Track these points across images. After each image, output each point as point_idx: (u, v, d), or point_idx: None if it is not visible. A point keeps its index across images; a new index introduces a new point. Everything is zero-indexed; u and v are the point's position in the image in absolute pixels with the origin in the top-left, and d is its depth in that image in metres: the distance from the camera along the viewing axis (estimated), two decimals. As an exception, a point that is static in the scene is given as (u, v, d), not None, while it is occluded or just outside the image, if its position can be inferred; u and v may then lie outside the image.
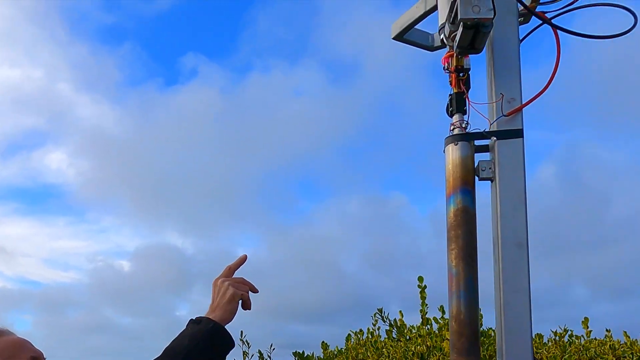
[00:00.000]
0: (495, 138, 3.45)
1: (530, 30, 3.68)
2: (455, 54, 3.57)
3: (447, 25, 3.51)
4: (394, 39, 4.24)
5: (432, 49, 4.26)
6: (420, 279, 6.30)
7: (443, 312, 7.95)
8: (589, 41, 3.58)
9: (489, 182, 3.51)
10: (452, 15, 3.37)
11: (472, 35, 3.35)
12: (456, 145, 3.48)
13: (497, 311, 3.35)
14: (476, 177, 3.48)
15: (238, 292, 2.70)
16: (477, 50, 3.46)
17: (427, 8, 3.99)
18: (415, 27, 4.22)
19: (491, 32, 3.48)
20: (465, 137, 3.50)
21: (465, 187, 3.43)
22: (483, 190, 3.52)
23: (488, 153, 3.54)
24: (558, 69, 3.55)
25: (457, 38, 3.40)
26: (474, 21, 3.22)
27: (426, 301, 7.63)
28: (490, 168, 3.47)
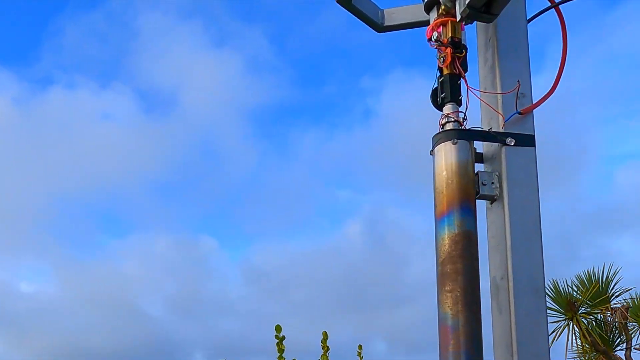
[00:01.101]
0: (513, 140, 2.50)
1: (538, 12, 2.84)
2: (453, 21, 2.61)
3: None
4: (338, 1, 3.16)
5: (379, 28, 3.25)
6: (278, 328, 5.11)
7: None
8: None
9: (486, 201, 2.55)
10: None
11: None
12: (455, 144, 2.48)
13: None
14: (469, 193, 2.50)
15: None
16: (492, 16, 2.53)
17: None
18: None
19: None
20: (465, 135, 2.51)
21: (467, 203, 2.43)
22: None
23: (482, 164, 2.60)
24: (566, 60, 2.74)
25: (470, -5, 2.44)
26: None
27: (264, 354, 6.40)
28: (493, 183, 2.51)
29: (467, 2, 2.45)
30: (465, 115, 2.57)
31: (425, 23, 3.18)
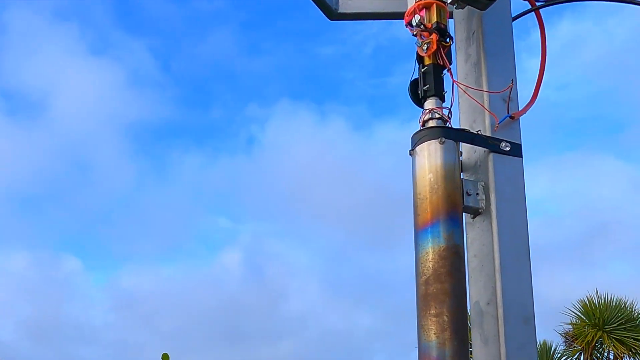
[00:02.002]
0: (508, 145, 2.18)
1: (520, 13, 2.57)
2: (439, 5, 2.27)
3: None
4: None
5: (332, 14, 2.85)
6: (165, 356, 4.43)
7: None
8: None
9: (466, 214, 2.21)
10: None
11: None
12: (442, 143, 2.11)
13: None
14: (448, 203, 2.14)
15: None
16: (488, 2, 2.21)
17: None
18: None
19: None
20: (453, 135, 2.16)
21: (455, 213, 2.06)
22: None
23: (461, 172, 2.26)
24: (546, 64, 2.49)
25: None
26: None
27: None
28: (478, 194, 2.18)
29: (464, -18, 2.12)
30: (450, 112, 2.22)
31: (383, 16, 2.85)
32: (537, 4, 2.59)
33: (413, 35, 2.34)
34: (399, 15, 2.81)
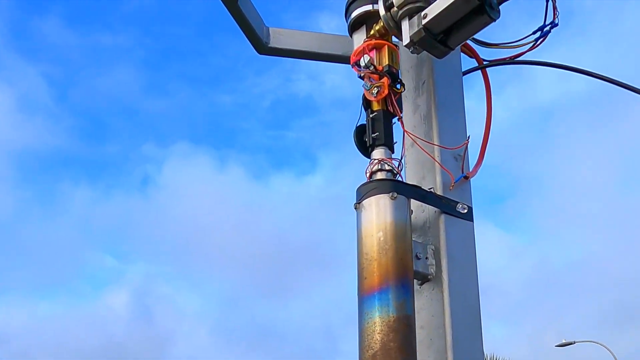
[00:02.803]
0: (466, 207, 1.96)
1: (467, 69, 2.41)
2: (391, 47, 2.06)
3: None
4: None
5: (262, 47, 2.59)
6: None
7: None
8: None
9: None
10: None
11: (459, 19, 1.91)
12: (394, 199, 1.86)
13: None
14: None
15: None
16: (446, 50, 2.01)
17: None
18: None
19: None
20: (405, 190, 1.91)
21: (406, 279, 1.80)
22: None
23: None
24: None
25: (430, 15, 1.90)
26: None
27: None
28: (427, 258, 1.93)
29: (423, 23, 1.91)
30: (401, 164, 1.99)
31: (316, 56, 2.63)
32: (484, 62, 2.46)
33: (359, 76, 2.11)
34: (333, 58, 2.62)
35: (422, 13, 1.91)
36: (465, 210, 1.95)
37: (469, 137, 2.09)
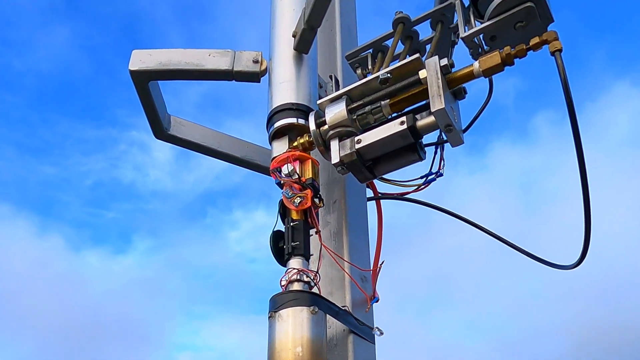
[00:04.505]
0: (380, 332, 1.91)
1: (370, 197, 2.45)
2: (315, 162, 2.06)
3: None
4: (132, 74, 2.28)
5: (161, 133, 2.47)
6: None
7: None
8: None
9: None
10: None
11: (390, 151, 1.98)
12: (315, 314, 1.77)
13: None
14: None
15: None
16: (370, 176, 2.03)
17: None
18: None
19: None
20: (323, 306, 1.83)
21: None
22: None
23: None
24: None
25: (364, 141, 1.94)
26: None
27: None
28: (335, 381, 1.83)
29: (356, 148, 1.94)
30: (317, 277, 1.91)
31: (211, 153, 2.56)
32: (379, 194, 2.53)
33: (278, 183, 2.06)
34: (228, 158, 2.56)
35: (357, 138, 1.94)
36: (381, 335, 1.91)
37: (383, 261, 2.09)
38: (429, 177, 2.51)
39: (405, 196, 2.55)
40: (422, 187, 2.49)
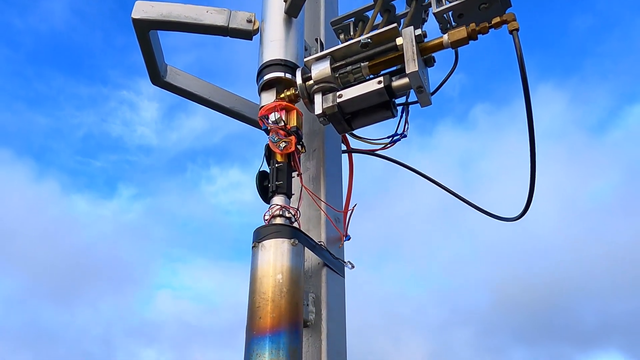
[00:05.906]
0: (351, 265, 2.16)
1: (343, 150, 2.68)
2: (299, 113, 2.28)
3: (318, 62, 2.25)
4: (134, 20, 2.47)
5: (158, 79, 2.66)
6: None
7: None
8: None
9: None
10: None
11: (367, 107, 2.21)
12: (295, 245, 2.01)
13: None
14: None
15: None
16: (348, 129, 2.27)
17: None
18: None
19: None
20: (302, 239, 2.07)
21: (297, 325, 1.92)
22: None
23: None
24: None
25: (345, 96, 2.18)
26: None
27: None
28: (308, 305, 2.10)
29: (338, 101, 2.17)
30: (298, 213, 2.15)
31: (205, 103, 2.76)
32: (352, 148, 2.77)
33: (265, 129, 2.28)
34: (218, 107, 2.75)
35: (338, 93, 2.17)
36: (352, 269, 2.16)
37: (355, 204, 2.33)
38: (395, 137, 2.75)
39: (374, 153, 2.81)
40: (389, 145, 2.73)
